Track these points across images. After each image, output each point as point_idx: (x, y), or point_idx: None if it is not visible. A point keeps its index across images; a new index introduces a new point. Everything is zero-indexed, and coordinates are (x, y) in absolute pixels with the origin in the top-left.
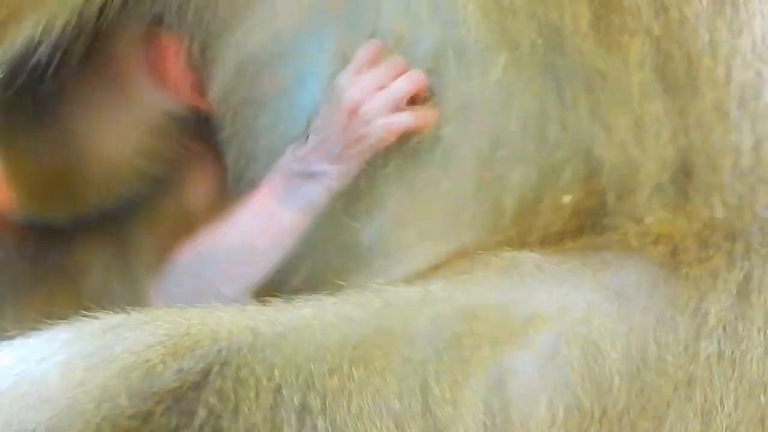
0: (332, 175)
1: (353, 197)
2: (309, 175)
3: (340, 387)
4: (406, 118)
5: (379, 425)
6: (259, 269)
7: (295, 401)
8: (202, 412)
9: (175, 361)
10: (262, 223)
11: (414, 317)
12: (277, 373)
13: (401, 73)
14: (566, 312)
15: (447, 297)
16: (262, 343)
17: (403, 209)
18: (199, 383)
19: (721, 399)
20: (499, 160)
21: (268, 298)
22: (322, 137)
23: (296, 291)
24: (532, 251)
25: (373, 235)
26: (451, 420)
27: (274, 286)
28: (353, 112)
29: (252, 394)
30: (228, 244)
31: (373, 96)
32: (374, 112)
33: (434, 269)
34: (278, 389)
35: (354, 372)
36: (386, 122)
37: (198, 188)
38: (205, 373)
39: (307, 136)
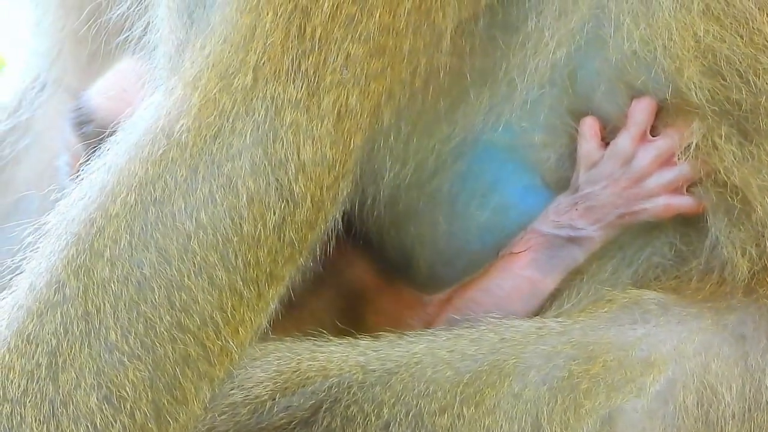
0: (597, 240)
1: None
2: (575, 240)
3: (450, 426)
4: (686, 202)
5: None
6: None
7: None
8: None
9: (284, 398)
10: (522, 291)
11: (528, 352)
12: (386, 410)
13: (684, 141)
14: (684, 355)
15: (563, 331)
16: (372, 380)
17: None
18: (308, 420)
19: None
20: None
21: (381, 333)
22: (593, 204)
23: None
24: (654, 290)
25: None
26: None
27: None
28: (637, 182)
29: None
30: (483, 311)
31: (660, 171)
32: (658, 190)
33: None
34: (387, 427)
35: (465, 411)
36: (668, 203)
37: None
38: (315, 410)
39: (574, 203)
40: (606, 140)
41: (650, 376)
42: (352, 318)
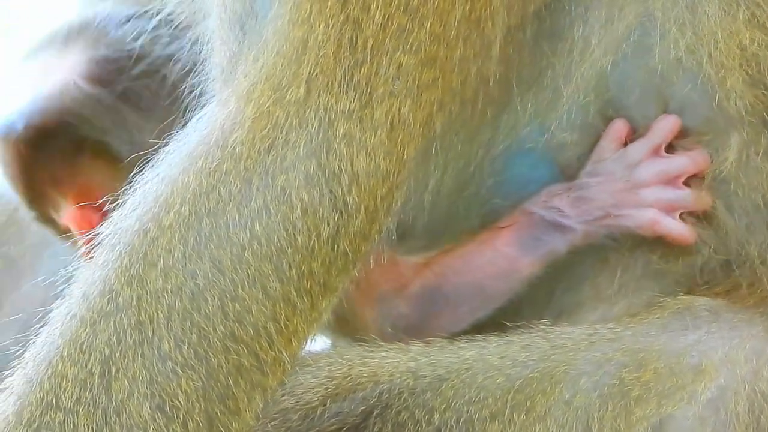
0: (579, 235)
1: None
2: (558, 227)
3: None
4: (674, 226)
5: None
6: (482, 310)
7: None
8: None
9: (335, 404)
10: (500, 266)
11: (579, 359)
12: (436, 417)
13: (697, 170)
14: (735, 362)
15: (614, 338)
16: (422, 386)
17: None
18: (359, 426)
19: None
20: None
21: (432, 338)
22: (585, 195)
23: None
24: (705, 296)
25: (554, 277)
26: None
27: None
28: (633, 188)
29: None
30: (459, 280)
31: (660, 187)
32: (651, 202)
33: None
34: None
35: (515, 417)
36: (655, 218)
37: None
38: (365, 416)
39: (568, 189)
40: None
41: (701, 383)
42: None
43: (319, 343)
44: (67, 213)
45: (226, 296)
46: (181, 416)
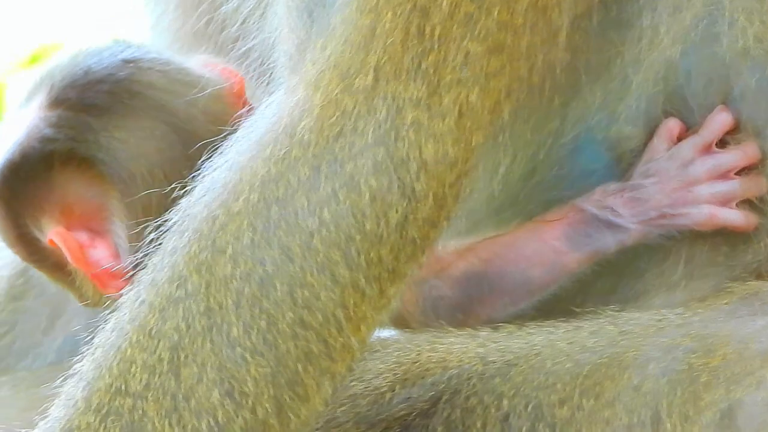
0: (633, 235)
1: None
2: (610, 226)
3: (570, 417)
4: (732, 216)
5: None
6: (525, 300)
7: (523, 431)
8: None
9: (404, 389)
10: (547, 258)
11: (647, 345)
12: (505, 402)
13: (748, 163)
14: None
15: (682, 324)
16: (491, 371)
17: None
18: (428, 411)
19: None
20: None
21: (500, 324)
22: (640, 196)
23: (530, 317)
24: None
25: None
26: None
27: None
28: (687, 186)
29: (480, 423)
30: (505, 268)
31: (713, 182)
32: (706, 198)
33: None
34: (506, 419)
35: (584, 403)
36: (712, 213)
37: None
38: (434, 402)
39: (623, 189)
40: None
41: None
42: None
43: (387, 329)
44: (55, 234)
45: (294, 282)
46: (250, 402)
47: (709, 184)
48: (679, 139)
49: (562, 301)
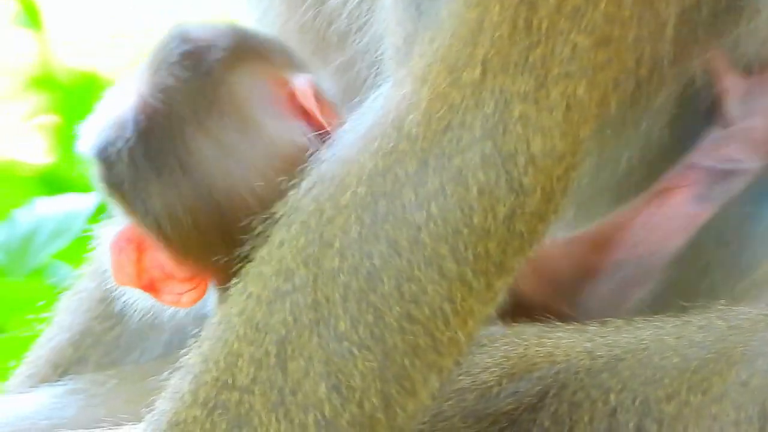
0: (753, 171)
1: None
2: (733, 172)
3: (677, 413)
4: None
5: None
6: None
7: (630, 426)
8: None
9: (511, 383)
10: (683, 225)
11: (756, 340)
12: (612, 397)
13: None
14: None
15: None
16: (599, 366)
17: None
18: (535, 405)
19: None
20: None
21: (608, 319)
22: (752, 133)
23: (637, 312)
24: None
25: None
26: None
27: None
28: None
29: (587, 418)
30: (645, 250)
31: None
32: None
33: None
34: (613, 414)
35: (691, 398)
36: None
37: None
38: (541, 396)
39: (732, 135)
40: None
41: None
42: None
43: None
44: None
45: (402, 276)
46: (357, 396)
47: None
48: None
49: (671, 296)
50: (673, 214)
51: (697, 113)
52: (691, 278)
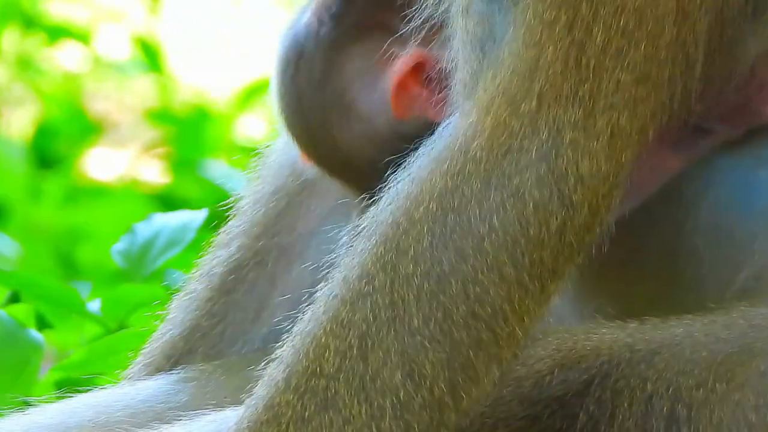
0: (720, 135)
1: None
2: (702, 130)
3: (705, 400)
4: None
5: None
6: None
7: (664, 411)
8: (583, 417)
9: (561, 372)
10: (660, 170)
11: None
12: (649, 385)
13: None
14: None
15: None
16: (637, 358)
17: None
18: (582, 392)
19: None
20: None
21: (647, 318)
22: (725, 98)
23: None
24: None
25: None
26: None
27: None
28: (763, 87)
29: (626, 403)
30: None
31: None
32: None
33: None
34: (649, 400)
35: (717, 386)
36: None
37: None
38: (588, 384)
39: (710, 96)
40: None
41: None
42: None
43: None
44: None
45: (467, 280)
46: (428, 383)
47: None
48: None
49: (701, 300)
50: (652, 155)
51: None
52: (718, 284)
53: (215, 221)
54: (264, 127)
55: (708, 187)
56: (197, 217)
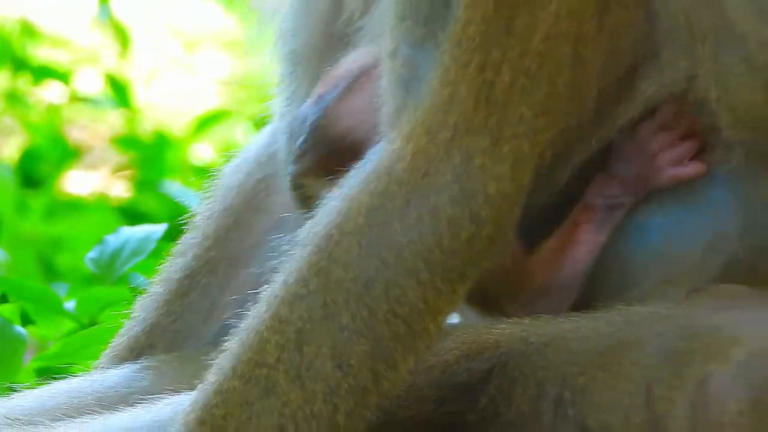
0: (628, 204)
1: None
2: (614, 206)
3: (587, 385)
4: (689, 170)
5: (612, 415)
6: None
7: (553, 395)
8: (484, 400)
9: (466, 362)
10: (591, 250)
11: (645, 331)
12: (540, 373)
13: (685, 134)
14: (761, 334)
15: (670, 315)
16: (531, 350)
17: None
18: (484, 378)
19: None
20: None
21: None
22: (623, 174)
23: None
24: (738, 284)
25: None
26: (666, 413)
27: None
28: (653, 158)
29: (521, 388)
30: (569, 272)
31: (668, 150)
32: (667, 163)
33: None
34: (540, 385)
35: (598, 374)
36: (674, 174)
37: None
38: (488, 372)
39: (613, 177)
40: None
41: (734, 349)
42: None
43: (456, 318)
44: None
45: (389, 284)
46: (354, 371)
47: (666, 153)
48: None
49: (585, 300)
50: (584, 243)
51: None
52: (600, 288)
53: (174, 234)
54: (214, 152)
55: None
56: (158, 229)
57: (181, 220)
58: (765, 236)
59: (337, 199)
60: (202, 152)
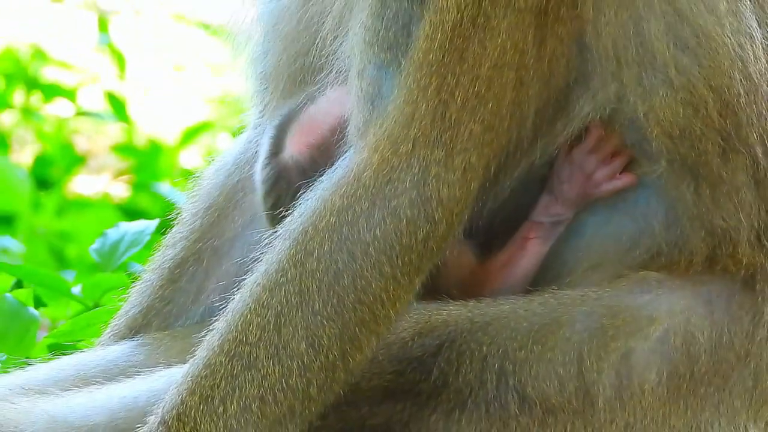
0: (569, 217)
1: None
2: (559, 222)
3: (526, 358)
4: (621, 183)
5: (548, 384)
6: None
7: (496, 367)
8: (435, 371)
9: (420, 339)
10: (537, 260)
11: (575, 311)
12: (485, 348)
13: (614, 151)
14: (674, 313)
15: (597, 297)
16: (476, 328)
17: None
18: (435, 353)
19: (766, 366)
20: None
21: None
22: (566, 196)
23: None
24: (655, 271)
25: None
26: (596, 380)
27: None
28: (589, 177)
29: (468, 361)
30: (518, 278)
31: (601, 168)
32: (602, 179)
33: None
34: (485, 358)
35: (535, 348)
36: (611, 185)
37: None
38: (439, 347)
39: (556, 198)
40: None
41: (653, 327)
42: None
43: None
44: None
45: (356, 275)
46: (325, 351)
47: (600, 170)
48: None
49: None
50: (530, 256)
51: (534, 182)
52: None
53: (165, 228)
54: (201, 158)
55: None
56: (152, 224)
57: (172, 216)
58: (683, 232)
59: (312, 199)
60: (190, 158)
